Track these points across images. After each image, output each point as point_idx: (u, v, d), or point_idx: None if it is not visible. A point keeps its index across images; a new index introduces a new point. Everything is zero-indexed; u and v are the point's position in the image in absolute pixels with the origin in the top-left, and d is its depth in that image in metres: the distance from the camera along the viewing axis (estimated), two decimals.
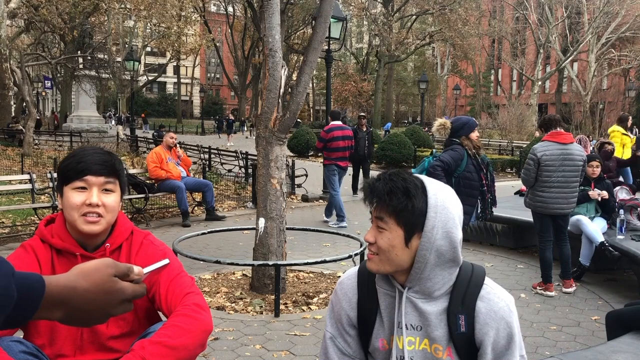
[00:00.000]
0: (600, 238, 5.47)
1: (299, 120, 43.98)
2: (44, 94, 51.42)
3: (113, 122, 42.75)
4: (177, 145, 8.83)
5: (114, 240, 1.85)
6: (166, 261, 1.29)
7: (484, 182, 4.95)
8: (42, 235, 1.82)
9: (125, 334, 1.83)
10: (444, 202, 1.47)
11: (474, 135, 4.84)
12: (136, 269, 1.09)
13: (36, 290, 0.94)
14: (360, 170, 11.52)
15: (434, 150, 4.47)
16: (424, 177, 1.52)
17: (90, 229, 1.75)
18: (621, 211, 5.67)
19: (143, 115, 49.74)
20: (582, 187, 5.79)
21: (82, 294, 0.99)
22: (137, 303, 1.81)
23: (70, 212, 1.76)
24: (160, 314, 1.89)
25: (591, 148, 9.23)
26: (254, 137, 5.41)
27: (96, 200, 1.75)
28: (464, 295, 1.48)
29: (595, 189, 5.83)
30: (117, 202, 1.82)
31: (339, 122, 8.65)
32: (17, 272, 0.93)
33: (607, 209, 5.88)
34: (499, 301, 1.48)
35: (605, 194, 5.79)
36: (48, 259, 1.79)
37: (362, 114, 11.94)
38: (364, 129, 11.32)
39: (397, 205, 1.44)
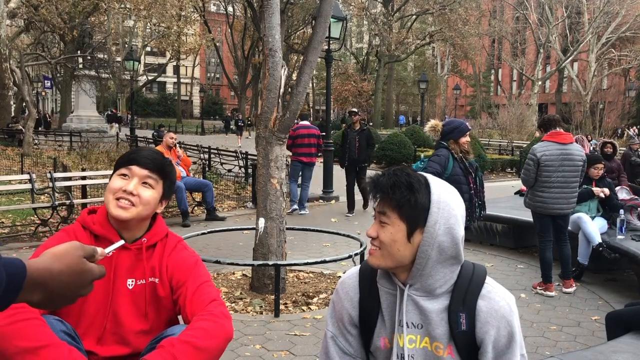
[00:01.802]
0: (598, 239, 5.47)
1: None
2: (43, 94, 51.41)
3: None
4: (177, 145, 8.84)
5: (151, 237, 1.91)
6: (122, 242, 1.44)
7: (472, 185, 4.94)
8: (83, 222, 1.88)
9: (145, 331, 1.86)
10: (446, 199, 1.48)
11: (464, 140, 4.81)
12: (99, 250, 1.15)
13: (19, 275, 0.96)
14: (356, 179, 9.51)
15: (422, 155, 4.50)
16: (427, 175, 1.53)
17: (119, 214, 1.81)
18: (621, 211, 5.67)
19: (115, 110, 47.96)
20: (585, 186, 5.80)
21: (57, 275, 1.03)
22: (163, 303, 1.89)
23: (107, 194, 1.85)
24: (180, 319, 1.92)
25: (591, 148, 9.23)
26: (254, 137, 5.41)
27: (132, 188, 1.82)
28: (465, 293, 1.48)
29: (599, 187, 5.83)
30: (154, 199, 1.88)
31: (306, 122, 9.81)
32: (2, 257, 0.96)
33: (611, 207, 5.88)
34: (500, 300, 1.48)
35: (607, 191, 5.80)
36: (88, 244, 1.82)
37: (354, 109, 9.80)
38: (357, 128, 9.35)
39: (400, 199, 1.44)
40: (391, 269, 1.52)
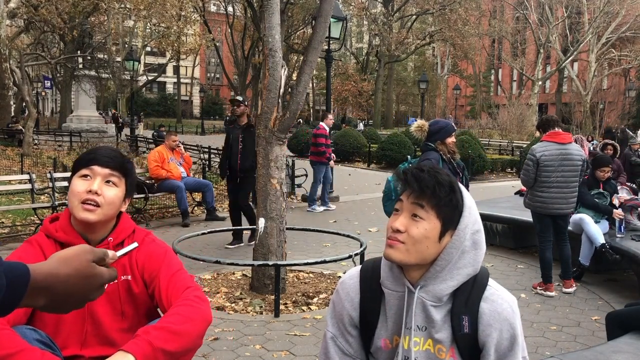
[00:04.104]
0: (601, 240, 5.47)
1: (299, 120, 44.26)
2: (43, 94, 51.40)
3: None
4: (180, 145, 8.85)
5: (116, 236, 1.89)
6: (135, 244, 1.37)
7: None
8: (46, 231, 1.86)
9: (125, 329, 1.86)
10: (473, 204, 1.51)
11: (450, 140, 4.78)
12: (110, 253, 1.13)
13: (22, 279, 0.95)
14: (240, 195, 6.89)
15: (409, 157, 4.47)
16: None
17: (86, 217, 1.79)
18: (620, 210, 5.67)
19: (114, 111, 48.43)
20: (599, 191, 5.78)
21: (64, 280, 1.01)
22: (139, 299, 1.87)
23: (71, 198, 1.82)
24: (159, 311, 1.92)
25: (591, 148, 9.22)
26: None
27: (96, 188, 1.80)
28: (468, 296, 1.48)
29: (619, 210, 5.79)
30: (118, 198, 1.86)
31: (320, 123, 10.24)
32: (3, 262, 0.94)
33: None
34: (503, 302, 1.48)
35: (625, 197, 5.79)
36: (53, 253, 1.80)
37: (238, 97, 7.04)
38: (243, 124, 6.78)
39: (443, 197, 1.44)
40: (408, 266, 1.49)
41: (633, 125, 35.82)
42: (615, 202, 5.83)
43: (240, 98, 7.00)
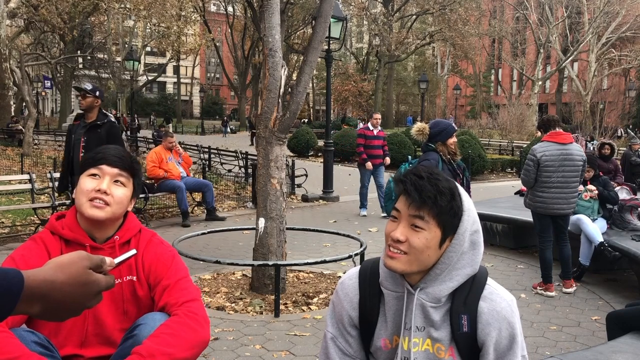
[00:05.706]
0: (599, 238, 5.48)
1: (304, 120, 44.30)
2: (43, 94, 51.41)
3: None
4: (178, 145, 8.86)
5: (123, 234, 1.89)
6: (134, 251, 1.33)
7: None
8: (52, 228, 1.86)
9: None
10: (471, 205, 1.49)
11: (451, 141, 4.77)
12: (108, 260, 1.11)
13: (15, 285, 0.93)
14: None
15: (409, 157, 4.49)
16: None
17: (94, 214, 1.80)
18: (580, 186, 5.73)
19: (115, 111, 46.83)
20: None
21: (59, 287, 0.99)
22: (142, 301, 1.87)
23: (79, 196, 1.82)
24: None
25: (592, 148, 9.24)
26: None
27: (105, 187, 1.82)
28: (467, 295, 1.48)
29: (593, 185, 5.85)
30: (126, 197, 1.87)
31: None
32: None
33: (607, 201, 5.88)
34: (502, 301, 1.48)
35: (593, 188, 5.81)
36: (57, 251, 1.82)
37: (85, 85, 5.34)
38: (90, 121, 5.29)
39: (444, 206, 1.42)
40: (410, 272, 1.48)
41: (633, 125, 35.85)
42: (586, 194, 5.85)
43: (88, 86, 5.26)
